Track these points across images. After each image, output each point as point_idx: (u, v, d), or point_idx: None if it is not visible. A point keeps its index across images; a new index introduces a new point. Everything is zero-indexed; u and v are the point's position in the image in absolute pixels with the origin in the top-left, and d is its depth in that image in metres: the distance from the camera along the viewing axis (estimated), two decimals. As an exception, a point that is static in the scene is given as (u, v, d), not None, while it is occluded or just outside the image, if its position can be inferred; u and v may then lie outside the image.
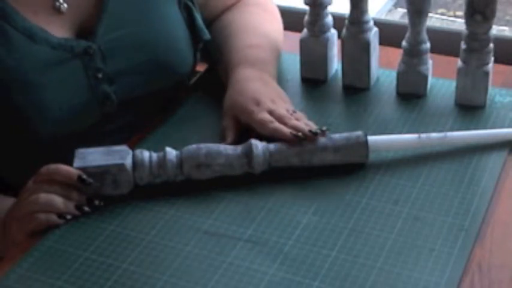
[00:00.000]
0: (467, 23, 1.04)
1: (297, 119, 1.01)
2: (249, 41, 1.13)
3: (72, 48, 1.02)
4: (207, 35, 1.15)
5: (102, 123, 1.06)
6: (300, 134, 0.97)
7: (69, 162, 0.94)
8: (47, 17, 1.01)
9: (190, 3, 1.13)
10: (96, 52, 1.03)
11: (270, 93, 1.05)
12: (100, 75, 1.04)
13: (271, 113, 1.01)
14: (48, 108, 1.00)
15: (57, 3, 1.02)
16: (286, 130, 0.98)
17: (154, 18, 1.08)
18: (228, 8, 1.22)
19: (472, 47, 1.05)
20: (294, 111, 1.02)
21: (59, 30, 1.02)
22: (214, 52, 1.17)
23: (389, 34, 1.20)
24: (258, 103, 1.02)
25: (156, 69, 1.09)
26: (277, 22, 1.22)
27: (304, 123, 0.99)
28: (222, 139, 1.02)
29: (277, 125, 0.99)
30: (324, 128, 0.98)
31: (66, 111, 1.02)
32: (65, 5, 1.02)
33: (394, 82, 1.14)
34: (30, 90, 0.99)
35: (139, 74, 1.07)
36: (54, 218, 0.92)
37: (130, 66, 1.06)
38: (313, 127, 0.99)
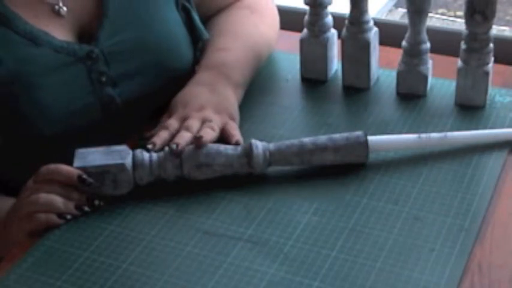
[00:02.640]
0: (467, 23, 1.04)
1: (203, 131, 0.98)
2: (220, 44, 1.13)
3: (75, 52, 1.02)
4: (205, 35, 1.15)
5: (106, 124, 1.06)
6: (150, 145, 0.97)
7: (70, 161, 0.94)
8: (47, 21, 1.02)
9: (188, 5, 1.13)
10: (99, 56, 1.03)
11: (206, 99, 1.04)
12: (104, 79, 1.04)
13: (184, 119, 1.01)
14: (51, 111, 1.00)
15: (57, 7, 1.02)
16: (154, 140, 0.97)
17: (154, 21, 1.09)
18: (222, 9, 1.22)
19: (472, 47, 1.05)
20: (209, 120, 1.00)
21: (60, 34, 1.02)
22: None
23: (389, 34, 1.20)
24: (185, 106, 1.03)
25: (158, 71, 1.09)
26: (266, 25, 1.21)
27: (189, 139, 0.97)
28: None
29: (160, 133, 0.99)
30: (175, 147, 0.95)
31: (69, 113, 1.02)
32: (64, 8, 1.03)
33: (394, 82, 1.14)
34: (33, 93, 1.00)
35: (143, 77, 1.08)
36: (54, 218, 0.92)
37: (133, 69, 1.07)
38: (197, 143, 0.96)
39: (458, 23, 3.73)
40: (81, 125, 1.04)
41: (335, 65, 1.19)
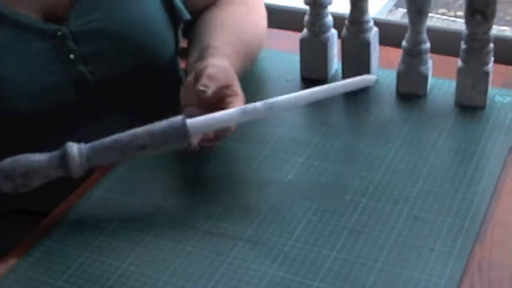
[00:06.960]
0: (467, 23, 1.04)
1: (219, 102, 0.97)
2: (213, 41, 1.08)
3: (41, 31, 1.01)
4: (186, 15, 1.14)
5: (80, 103, 1.05)
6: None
7: (51, 141, 0.92)
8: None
9: None
10: (67, 35, 1.03)
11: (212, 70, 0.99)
12: (72, 56, 1.03)
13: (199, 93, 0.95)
14: (15, 84, 0.99)
15: None
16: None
17: (128, 0, 1.07)
18: (212, 3, 1.20)
19: (472, 47, 1.05)
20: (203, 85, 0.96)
21: (26, 12, 1.01)
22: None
23: (389, 34, 1.21)
24: (197, 76, 0.98)
25: (133, 51, 1.07)
26: (259, 20, 1.19)
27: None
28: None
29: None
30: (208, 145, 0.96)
31: (41, 90, 1.01)
32: None
33: (394, 82, 1.14)
34: None
35: (116, 55, 1.06)
36: None
37: (106, 47, 1.05)
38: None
39: (458, 23, 3.74)
40: (55, 103, 1.03)
41: (335, 65, 1.19)
